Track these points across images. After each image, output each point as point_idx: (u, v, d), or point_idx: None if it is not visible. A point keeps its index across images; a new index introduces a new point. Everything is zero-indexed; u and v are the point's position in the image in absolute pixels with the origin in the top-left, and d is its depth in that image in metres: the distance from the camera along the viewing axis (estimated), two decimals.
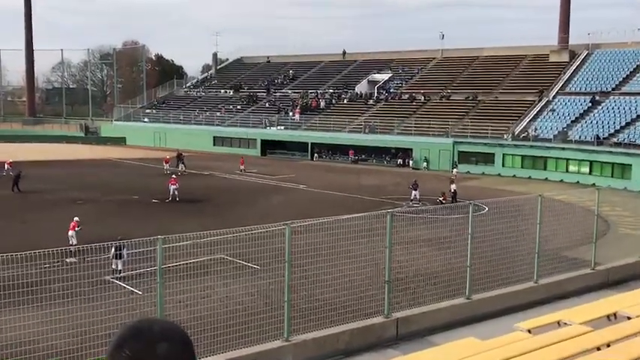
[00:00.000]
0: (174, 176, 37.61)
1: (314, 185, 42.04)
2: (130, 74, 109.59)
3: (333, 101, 69.60)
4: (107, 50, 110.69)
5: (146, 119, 78.86)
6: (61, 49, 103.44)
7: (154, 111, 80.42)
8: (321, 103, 69.16)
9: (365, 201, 35.35)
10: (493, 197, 34.16)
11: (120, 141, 76.64)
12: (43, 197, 35.58)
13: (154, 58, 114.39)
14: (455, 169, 48.81)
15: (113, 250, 18.05)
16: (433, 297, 14.07)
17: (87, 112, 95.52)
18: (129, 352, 1.81)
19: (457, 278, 14.59)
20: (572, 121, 51.08)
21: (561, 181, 45.78)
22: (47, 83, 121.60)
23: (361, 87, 70.80)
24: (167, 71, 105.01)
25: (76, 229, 22.39)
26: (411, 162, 55.51)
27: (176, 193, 34.78)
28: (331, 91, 72.18)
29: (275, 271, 13.14)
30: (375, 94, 68.02)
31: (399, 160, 56.55)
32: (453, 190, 34.97)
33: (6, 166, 44.54)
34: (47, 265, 14.06)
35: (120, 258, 18.18)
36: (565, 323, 10.38)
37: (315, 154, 62.30)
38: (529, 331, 10.21)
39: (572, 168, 47.09)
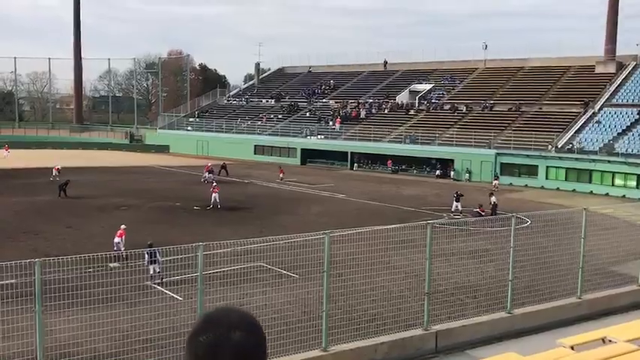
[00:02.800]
0: (214, 184, 38.31)
1: (353, 195, 41.99)
2: (175, 83, 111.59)
3: (374, 111, 69.51)
4: (153, 59, 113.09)
5: (189, 128, 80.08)
6: (109, 59, 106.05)
7: (197, 120, 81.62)
8: (362, 113, 69.16)
9: (404, 211, 35.13)
10: (536, 210, 33.59)
11: (164, 149, 77.98)
12: (88, 203, 36.38)
13: (198, 67, 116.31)
14: (496, 181, 48.13)
15: (147, 256, 18.31)
16: (473, 310, 13.88)
17: (132, 120, 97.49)
18: (207, 338, 1.93)
19: (498, 291, 14.38)
20: (618, 134, 49.91)
21: (607, 194, 44.72)
22: (94, 91, 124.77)
23: (402, 97, 70.56)
24: (210, 80, 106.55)
25: (122, 237, 22.73)
26: (452, 173, 54.98)
27: (217, 200, 35.21)
28: (371, 100, 72.13)
29: (313, 280, 13.15)
30: (417, 105, 67.68)
31: (438, 171, 56.05)
32: (493, 203, 34.35)
33: (54, 171, 45.80)
34: (90, 270, 14.37)
35: (155, 263, 18.42)
36: (610, 340, 10.11)
37: (355, 164, 62.26)
38: (572, 348, 9.98)
39: (618, 181, 45.97)
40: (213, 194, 35.49)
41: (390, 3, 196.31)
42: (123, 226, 23.51)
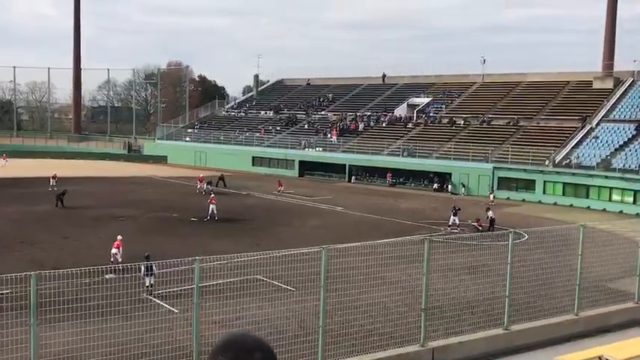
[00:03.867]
0: (212, 195, 38.20)
1: (351, 207, 41.97)
2: (174, 94, 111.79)
3: (372, 124, 69.67)
4: (152, 70, 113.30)
5: (187, 138, 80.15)
6: (108, 69, 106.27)
7: (196, 130, 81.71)
8: (360, 126, 69.30)
9: (402, 225, 35.12)
10: (533, 225, 33.57)
11: (161, 159, 77.99)
12: (85, 213, 36.32)
13: (197, 78, 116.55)
14: (492, 195, 48.09)
15: (143, 268, 18.20)
16: (470, 326, 13.84)
17: (130, 130, 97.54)
18: (230, 356, 2.23)
19: (495, 308, 14.37)
20: (615, 149, 50.03)
21: (604, 210, 44.77)
22: (93, 101, 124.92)
23: (400, 110, 70.73)
24: (209, 92, 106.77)
25: (120, 248, 22.58)
26: (449, 186, 55.00)
27: (215, 212, 35.18)
28: (369, 113, 72.30)
29: (310, 295, 13.11)
30: (415, 118, 67.86)
31: (435, 185, 56.09)
32: (490, 217, 34.20)
33: (51, 180, 45.66)
34: (87, 281, 14.32)
35: (151, 275, 18.31)
36: (607, 359, 10.09)
37: (353, 177, 62.28)
38: None
39: (615, 197, 46.01)
40: (211, 205, 35.45)
41: (389, 17, 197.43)
42: (119, 237, 23.42)
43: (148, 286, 18.29)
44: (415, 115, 68.45)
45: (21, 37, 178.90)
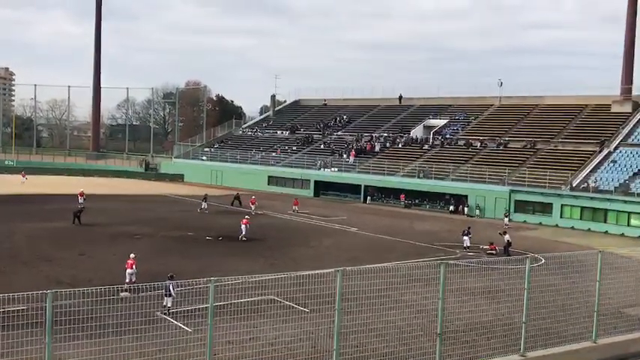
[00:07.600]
0: (247, 217, 37.29)
1: (366, 228, 41.83)
2: (191, 113, 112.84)
3: (388, 145, 69.68)
4: (170, 89, 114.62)
5: (204, 157, 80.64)
6: (127, 88, 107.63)
7: (212, 150, 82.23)
8: (376, 147, 69.34)
9: (417, 247, 34.92)
10: (550, 249, 33.24)
11: (178, 178, 78.48)
12: (101, 230, 36.51)
13: (214, 98, 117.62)
14: (506, 219, 47.56)
15: (171, 287, 18.14)
16: (486, 352, 13.66)
17: (148, 148, 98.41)
18: None
19: (511, 333, 14.19)
20: (634, 174, 49.54)
21: (622, 234, 44.25)
22: (112, 119, 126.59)
23: (417, 132, 70.78)
24: (227, 111, 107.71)
25: (134, 267, 22.35)
26: (465, 209, 54.67)
27: (244, 232, 34.81)
28: (386, 134, 72.36)
29: (325, 317, 13.03)
30: (431, 140, 67.80)
31: (451, 207, 55.80)
32: (507, 241, 33.43)
33: (80, 198, 46.01)
34: (101, 300, 14.32)
35: (169, 296, 18.24)
36: None
37: (368, 197, 62.20)
38: None
39: (634, 222, 45.46)
40: (242, 225, 35.16)
41: (408, 38, 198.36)
42: (132, 256, 22.97)
43: (166, 305, 18.23)
44: (431, 136, 68.42)
45: (42, 55, 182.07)
